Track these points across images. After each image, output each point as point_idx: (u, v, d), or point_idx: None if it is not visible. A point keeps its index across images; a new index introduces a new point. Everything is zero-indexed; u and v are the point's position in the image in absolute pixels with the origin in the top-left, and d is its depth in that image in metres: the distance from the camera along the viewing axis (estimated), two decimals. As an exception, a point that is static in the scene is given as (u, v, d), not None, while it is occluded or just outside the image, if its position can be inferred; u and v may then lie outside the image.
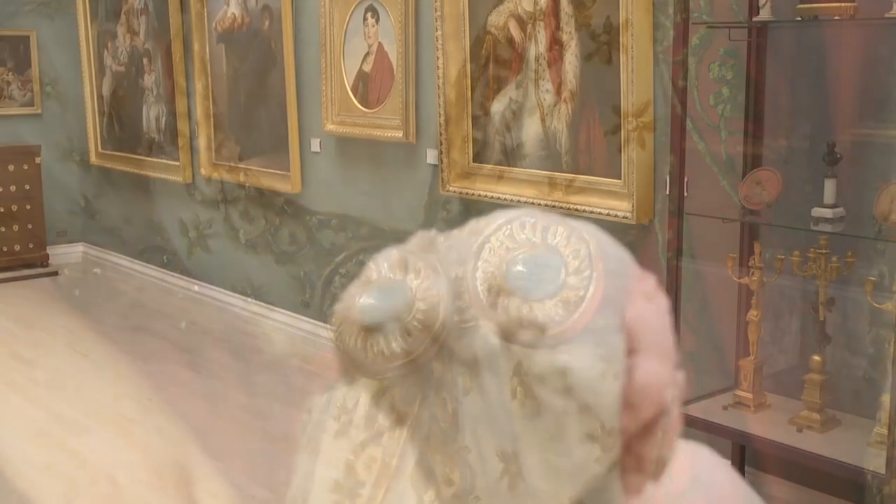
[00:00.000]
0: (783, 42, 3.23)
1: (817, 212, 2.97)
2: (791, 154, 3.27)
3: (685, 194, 3.16)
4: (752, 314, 3.18)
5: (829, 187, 2.94)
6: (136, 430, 4.22)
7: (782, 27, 3.10)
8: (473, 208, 4.32)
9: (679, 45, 3.02)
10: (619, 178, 3.65)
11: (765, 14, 2.97)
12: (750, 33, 3.16)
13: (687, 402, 3.23)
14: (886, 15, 2.71)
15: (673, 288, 3.17)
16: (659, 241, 3.56)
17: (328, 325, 5.18)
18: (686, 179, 3.16)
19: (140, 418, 4.36)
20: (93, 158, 7.08)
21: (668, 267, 3.19)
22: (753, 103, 3.23)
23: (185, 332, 5.70)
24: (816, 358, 3.06)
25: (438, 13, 4.17)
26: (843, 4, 2.76)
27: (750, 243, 3.23)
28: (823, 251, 2.97)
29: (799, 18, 2.88)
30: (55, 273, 7.09)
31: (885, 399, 2.81)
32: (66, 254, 7.43)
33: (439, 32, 4.18)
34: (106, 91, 6.85)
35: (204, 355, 5.27)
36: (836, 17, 2.80)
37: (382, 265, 0.65)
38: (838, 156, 2.93)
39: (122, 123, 6.76)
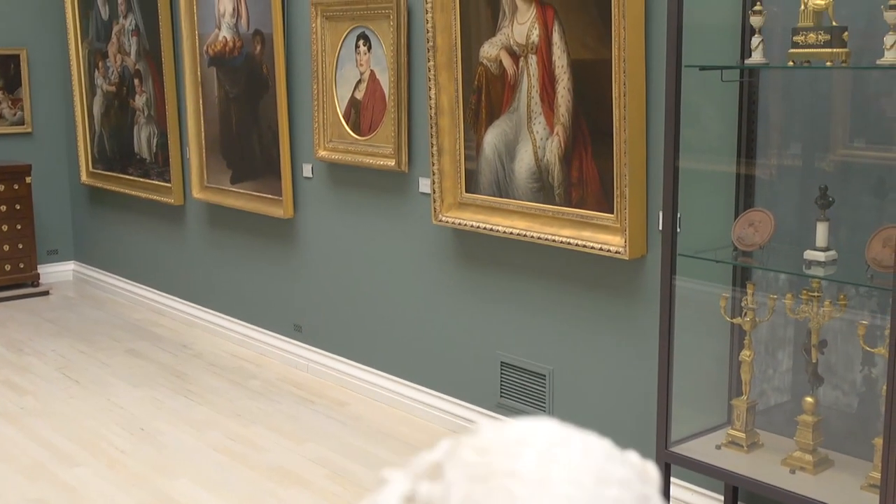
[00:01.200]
0: (776, 83, 3.24)
1: (810, 255, 2.97)
2: (784, 195, 3.28)
3: (678, 230, 3.16)
4: (745, 354, 3.19)
5: (822, 230, 2.94)
6: (128, 462, 4.21)
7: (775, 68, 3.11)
8: (465, 239, 4.32)
9: (671, 85, 3.02)
10: (612, 213, 3.66)
11: (756, 57, 2.97)
12: (742, 74, 3.17)
13: (680, 441, 3.24)
14: (878, 62, 2.72)
15: (666, 325, 3.18)
16: (652, 277, 3.55)
17: (320, 350, 5.19)
18: (679, 216, 3.16)
19: (132, 449, 4.34)
20: (83, 178, 7.05)
21: (661, 303, 3.20)
22: (746, 143, 3.24)
23: (176, 356, 5.68)
24: (809, 399, 3.06)
25: (430, 44, 4.17)
26: (835, 51, 2.76)
27: (743, 283, 3.24)
28: (816, 294, 2.98)
29: (791, 63, 2.87)
30: (46, 292, 7.06)
31: (878, 442, 2.82)
32: (57, 272, 7.41)
33: (431, 63, 4.18)
34: (97, 111, 6.83)
35: (196, 380, 5.25)
36: (829, 63, 2.80)
37: (391, 497, 0.63)
38: (830, 199, 2.93)
39: (113, 143, 6.73)
